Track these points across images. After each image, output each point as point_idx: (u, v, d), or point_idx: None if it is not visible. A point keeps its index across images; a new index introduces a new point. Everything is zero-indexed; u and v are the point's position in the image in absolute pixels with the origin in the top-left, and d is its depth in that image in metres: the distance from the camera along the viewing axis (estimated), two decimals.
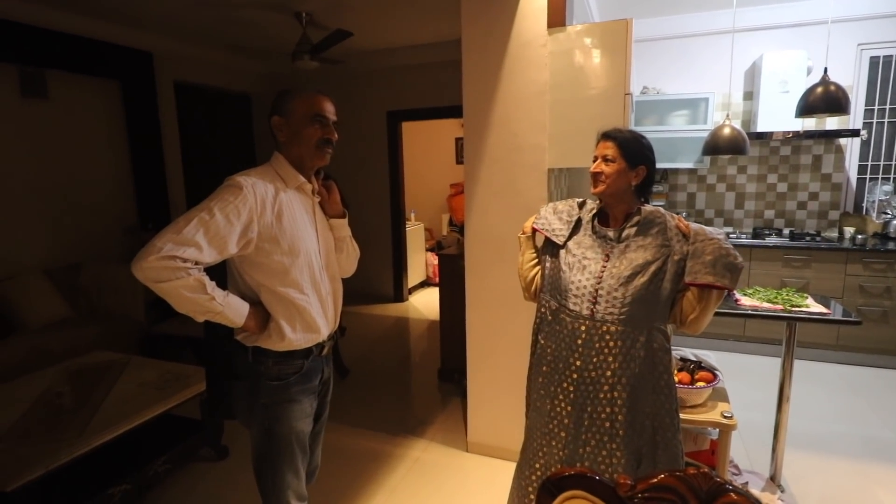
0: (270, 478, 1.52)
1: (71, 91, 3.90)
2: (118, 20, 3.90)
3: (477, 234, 2.53)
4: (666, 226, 1.48)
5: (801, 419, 2.88)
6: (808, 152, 4.14)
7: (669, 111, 4.20)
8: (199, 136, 5.08)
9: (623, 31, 2.14)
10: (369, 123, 5.47)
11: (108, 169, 4.23)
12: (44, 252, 3.76)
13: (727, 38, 4.07)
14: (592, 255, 1.52)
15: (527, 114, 2.33)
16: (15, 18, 3.39)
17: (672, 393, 1.49)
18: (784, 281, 3.82)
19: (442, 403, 3.30)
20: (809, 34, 3.93)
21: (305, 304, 1.47)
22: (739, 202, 4.37)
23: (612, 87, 2.20)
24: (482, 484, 2.45)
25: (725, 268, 1.36)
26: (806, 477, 2.44)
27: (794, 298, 2.28)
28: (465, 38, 2.40)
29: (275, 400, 1.47)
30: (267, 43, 4.61)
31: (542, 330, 1.61)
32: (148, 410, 2.19)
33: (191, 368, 2.61)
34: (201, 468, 2.57)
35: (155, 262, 1.21)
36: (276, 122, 1.47)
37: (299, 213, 1.47)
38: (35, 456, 1.82)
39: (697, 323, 1.44)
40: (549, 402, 1.56)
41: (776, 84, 3.87)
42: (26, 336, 3.24)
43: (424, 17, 3.96)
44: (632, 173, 1.49)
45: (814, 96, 2.31)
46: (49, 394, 2.30)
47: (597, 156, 1.53)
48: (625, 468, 1.46)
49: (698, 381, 2.09)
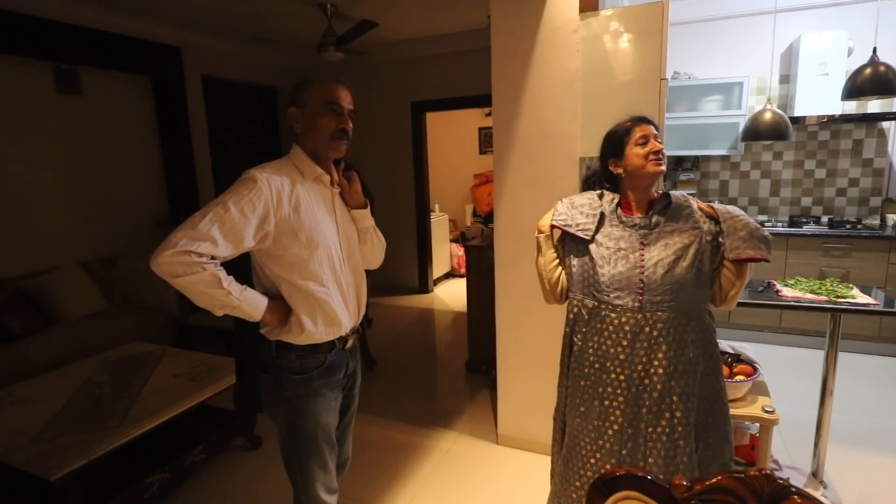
0: (299, 471, 1.52)
1: (103, 87, 3.98)
2: (147, 16, 3.95)
3: (506, 224, 2.49)
4: (692, 209, 1.48)
5: (842, 413, 2.78)
6: (849, 137, 3.97)
7: (701, 96, 4.07)
8: (226, 130, 5.13)
9: (659, 14, 2.07)
10: (393, 114, 5.46)
11: (140, 163, 4.31)
12: (80, 245, 3.86)
13: (762, 19, 3.92)
14: (627, 245, 1.47)
15: (558, 101, 2.28)
16: (48, 16, 3.46)
17: (721, 373, 1.51)
18: (823, 270, 3.69)
19: (470, 395, 3.29)
20: (851, 13, 3.75)
21: (325, 296, 1.45)
22: (775, 189, 4.22)
23: (647, 72, 2.13)
24: (513, 477, 2.43)
25: (760, 240, 1.39)
26: (848, 473, 2.37)
27: (839, 289, 2.19)
28: (493, 24, 2.35)
29: (298, 394, 1.47)
30: (292, 35, 4.61)
31: (577, 331, 1.54)
32: (184, 401, 2.23)
33: (223, 360, 2.65)
34: (236, 458, 2.62)
35: (170, 258, 1.22)
36: (292, 114, 1.46)
37: (318, 205, 1.46)
38: (77, 445, 1.88)
39: (736, 298, 1.46)
40: (597, 402, 1.50)
41: (815, 66, 3.71)
42: (66, 327, 3.34)
43: (448, 5, 3.90)
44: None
45: (861, 78, 2.19)
46: (89, 384, 2.36)
47: (647, 136, 1.47)
48: (689, 457, 1.43)
49: (737, 374, 2.03)
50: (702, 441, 1.46)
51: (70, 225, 3.81)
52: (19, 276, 3.42)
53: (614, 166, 1.53)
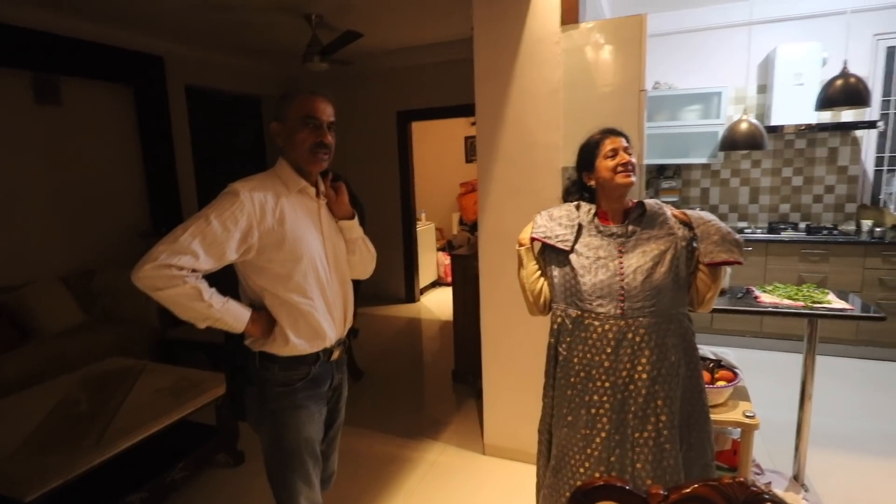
0: (282, 485, 1.51)
1: (84, 97, 3.93)
2: (129, 25, 3.92)
3: (491, 233, 2.51)
4: (666, 216, 1.52)
5: (822, 416, 2.82)
6: (824, 145, 4.07)
7: (681, 106, 4.15)
8: (210, 140, 5.09)
9: (638, 27, 2.11)
10: (379, 124, 5.47)
11: (121, 174, 4.26)
12: (59, 258, 3.79)
13: (739, 31, 4.02)
14: (606, 254, 1.49)
15: (540, 112, 2.30)
16: (28, 25, 3.42)
17: (701, 374, 1.54)
18: (801, 276, 3.75)
19: (457, 405, 3.28)
20: (824, 25, 3.85)
21: (310, 308, 1.45)
22: (754, 197, 4.31)
23: (627, 83, 2.16)
24: (500, 487, 2.42)
25: (732, 244, 1.44)
26: (830, 475, 2.40)
27: (816, 294, 2.23)
28: (476, 36, 2.38)
29: (282, 406, 1.46)
30: (277, 45, 4.61)
31: (562, 341, 1.55)
32: (164, 417, 2.19)
33: (205, 374, 2.61)
34: (218, 474, 2.58)
35: (151, 271, 1.23)
36: (274, 129, 1.47)
37: (303, 217, 1.46)
38: (53, 465, 1.83)
39: (713, 300, 1.50)
40: (584, 411, 1.50)
41: (790, 77, 3.80)
42: (43, 342, 3.27)
43: (434, 16, 3.94)
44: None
45: (833, 89, 2.26)
46: (66, 401, 2.31)
47: (616, 149, 1.50)
48: (676, 460, 1.45)
49: (719, 380, 2.06)
50: (685, 442, 1.49)
51: (48, 237, 3.74)
52: None
53: (587, 178, 1.57)
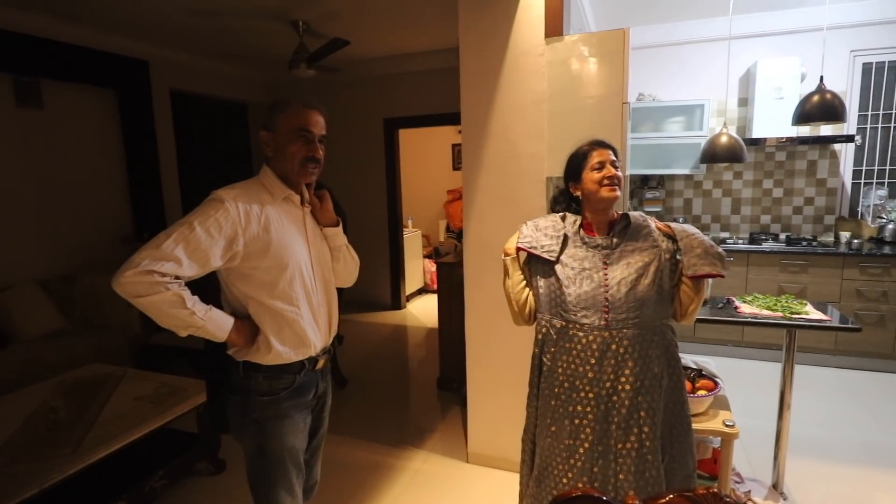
0: (264, 495, 1.49)
1: (66, 100, 3.88)
2: (114, 29, 3.89)
3: (476, 242, 2.52)
4: (650, 228, 1.54)
5: (801, 425, 2.87)
6: (803, 158, 4.16)
7: (665, 118, 4.21)
8: (195, 145, 5.06)
9: (620, 41, 2.15)
10: (366, 131, 5.47)
11: (104, 178, 4.20)
12: (38, 262, 3.72)
13: (721, 45, 4.09)
14: (591, 265, 1.51)
15: (525, 122, 2.33)
16: (9, 27, 3.37)
17: (684, 386, 1.56)
18: (781, 286, 3.82)
19: (441, 413, 3.28)
20: (803, 41, 3.95)
21: (295, 316, 1.44)
22: (736, 207, 4.38)
23: (610, 95, 2.20)
24: (484, 496, 2.42)
25: (715, 257, 1.46)
26: (808, 484, 2.43)
27: (794, 305, 2.28)
28: (462, 47, 2.40)
29: (266, 415, 1.45)
30: (263, 52, 4.60)
31: (546, 351, 1.56)
32: (144, 425, 2.16)
33: (187, 381, 2.58)
34: (199, 483, 2.54)
35: (132, 277, 1.21)
36: (263, 138, 1.46)
37: (288, 225, 1.45)
38: (29, 473, 1.79)
39: (696, 313, 1.52)
40: (567, 421, 1.51)
41: (770, 90, 3.89)
42: (21, 348, 3.21)
43: (421, 25, 3.97)
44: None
45: (810, 105, 2.31)
46: (43, 409, 2.27)
47: (602, 162, 1.51)
48: (657, 470, 1.46)
49: (699, 389, 2.08)
50: (668, 453, 1.50)
51: (27, 241, 3.68)
52: None
53: (574, 188, 1.58)
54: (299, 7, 3.45)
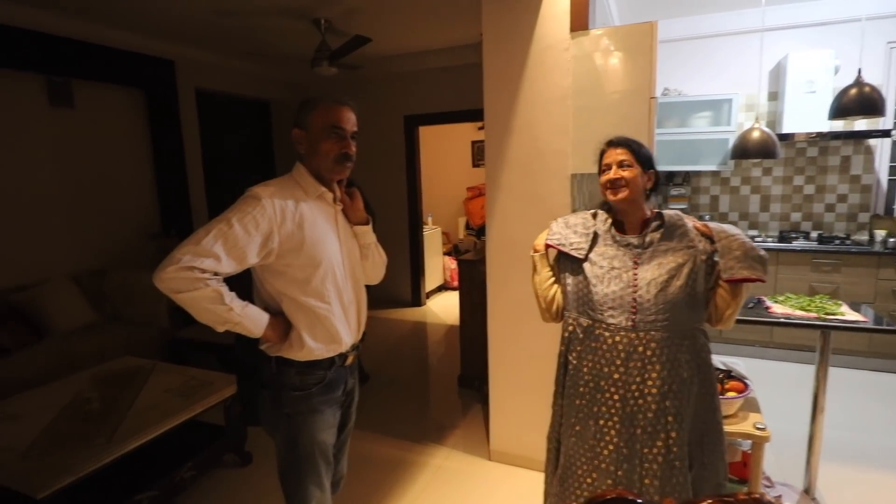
0: (295, 488, 1.52)
1: (96, 100, 3.98)
2: (141, 30, 3.97)
3: (499, 240, 2.50)
4: (686, 228, 1.48)
5: (834, 429, 2.78)
6: (836, 153, 4.03)
7: (691, 113, 4.13)
8: (219, 143, 5.14)
9: (648, 34, 2.11)
10: (386, 128, 5.49)
11: (132, 176, 4.30)
12: (71, 258, 3.83)
13: (751, 37, 3.99)
14: (620, 265, 1.48)
15: (549, 118, 2.30)
16: (42, 29, 3.47)
17: (716, 393, 1.50)
18: (813, 286, 3.72)
19: (462, 410, 3.28)
20: (837, 33, 3.83)
21: (327, 313, 1.46)
22: (765, 205, 4.28)
23: (637, 90, 2.16)
24: (507, 494, 2.41)
25: (755, 260, 1.39)
26: (841, 490, 2.37)
27: (828, 306, 2.21)
28: (486, 42, 2.39)
29: (297, 410, 1.47)
30: (286, 50, 4.65)
31: (572, 350, 1.54)
32: (174, 417, 2.21)
33: (214, 374, 2.62)
34: (226, 474, 2.59)
35: (174, 273, 1.23)
36: (296, 136, 1.47)
37: (321, 223, 1.46)
38: (65, 463, 1.85)
39: (733, 318, 1.45)
40: (592, 422, 1.49)
41: (802, 84, 3.78)
42: (55, 341, 3.31)
43: (442, 21, 3.95)
44: (645, 177, 1.50)
45: (847, 98, 2.24)
46: (78, 400, 2.33)
47: (609, 163, 1.50)
48: (685, 476, 1.43)
49: (729, 391, 2.04)
50: (697, 461, 1.46)
51: (61, 237, 3.78)
52: (9, 289, 3.38)
53: None
54: (321, 5, 3.47)
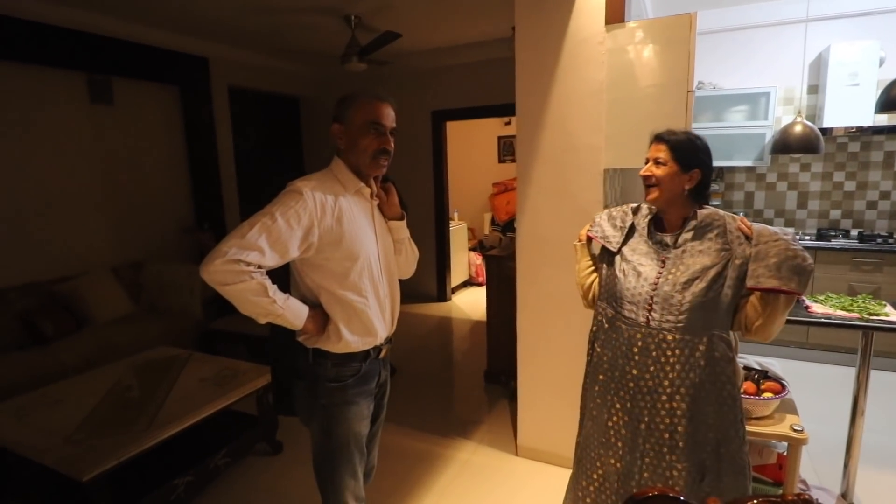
0: (329, 478, 1.54)
1: (134, 96, 4.09)
2: (177, 28, 4.06)
3: (529, 236, 2.49)
4: (725, 228, 1.41)
5: (873, 433, 2.70)
6: (880, 148, 3.88)
7: (727, 107, 4.02)
8: (250, 139, 5.23)
9: (686, 26, 2.06)
10: (414, 123, 5.50)
11: (168, 171, 4.42)
12: (110, 250, 3.96)
13: (790, 28, 3.87)
14: (648, 262, 1.48)
15: (583, 113, 2.28)
16: (84, 28, 3.58)
17: (737, 404, 1.42)
18: (852, 286, 3.60)
19: (489, 405, 3.28)
20: (882, 23, 3.68)
21: (364, 306, 1.48)
22: (802, 202, 4.15)
23: (674, 84, 2.11)
24: (534, 490, 2.41)
25: (792, 270, 1.26)
26: (879, 495, 2.30)
27: (872, 306, 2.13)
28: (518, 36, 2.37)
29: (333, 401, 1.49)
30: (316, 47, 4.69)
31: (598, 338, 1.58)
32: (209, 405, 2.27)
33: (246, 365, 2.69)
34: (258, 462, 2.65)
35: (221, 266, 1.25)
36: (336, 130, 1.48)
37: (359, 217, 1.48)
38: (107, 447, 1.92)
39: (764, 330, 1.33)
40: (605, 411, 1.54)
41: (845, 77, 3.64)
42: (96, 330, 3.43)
43: (471, 16, 3.93)
44: (685, 177, 1.43)
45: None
46: (119, 387, 2.42)
47: (648, 158, 1.48)
48: (686, 482, 1.42)
49: (765, 391, 1.99)
50: (713, 472, 1.42)
51: (100, 230, 3.91)
52: (52, 280, 3.52)
53: None
54: (352, 2, 3.49)
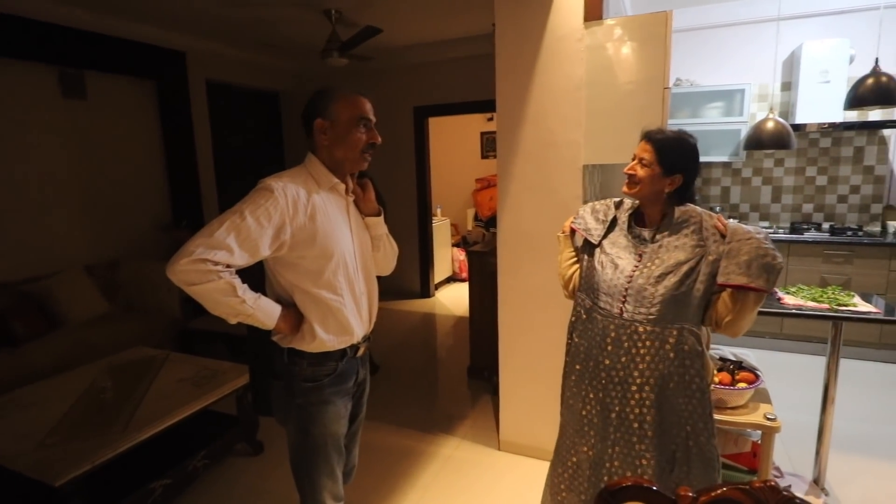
0: (306, 478, 1.53)
1: (108, 91, 4.00)
2: (153, 21, 3.97)
3: (510, 231, 2.50)
4: (701, 225, 1.44)
5: (843, 420, 2.78)
6: (850, 144, 3.98)
7: (703, 103, 4.09)
8: (229, 134, 5.15)
9: (662, 24, 2.09)
10: (396, 119, 5.48)
11: (144, 167, 4.33)
12: (84, 249, 3.87)
13: (764, 27, 3.94)
14: (625, 255, 1.51)
15: (562, 109, 2.29)
16: (55, 21, 3.48)
17: (705, 397, 1.44)
18: (824, 277, 3.70)
19: (472, 401, 3.30)
20: (853, 21, 3.77)
21: (339, 305, 1.46)
22: (776, 196, 4.24)
23: (651, 81, 2.14)
24: (515, 483, 2.44)
25: (762, 268, 1.29)
26: (850, 480, 2.37)
27: (841, 297, 2.20)
28: (498, 33, 2.37)
29: (309, 401, 1.48)
30: (296, 41, 4.64)
31: (576, 328, 1.62)
32: (187, 406, 2.24)
33: (226, 364, 2.66)
34: (238, 463, 2.62)
35: (187, 266, 1.23)
36: (321, 126, 1.43)
37: (333, 214, 1.46)
38: (82, 451, 1.88)
39: (734, 326, 1.36)
40: (579, 400, 1.58)
41: (816, 74, 3.73)
42: (70, 331, 3.35)
43: (452, 11, 3.93)
44: (666, 180, 1.45)
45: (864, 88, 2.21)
46: (93, 389, 2.37)
47: (635, 155, 1.50)
48: (654, 471, 1.45)
49: (739, 381, 2.04)
50: (682, 464, 1.45)
51: (74, 228, 3.82)
52: (23, 279, 3.43)
53: None
54: None
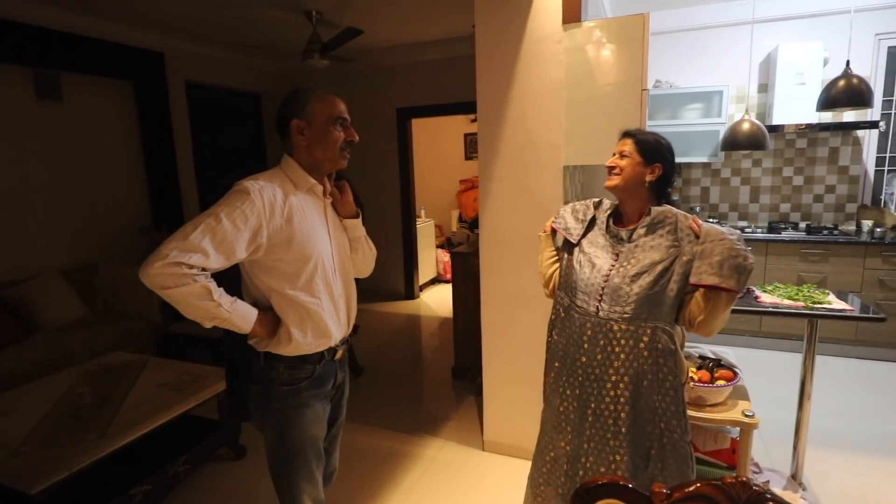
0: (286, 483, 1.51)
1: (85, 93, 3.93)
2: (130, 21, 3.91)
3: (492, 232, 2.51)
4: (676, 226, 1.45)
5: (820, 416, 2.84)
6: (825, 145, 4.07)
7: (682, 105, 4.15)
8: (209, 136, 5.09)
9: (640, 26, 2.11)
10: (379, 121, 5.46)
11: (122, 169, 4.26)
12: (60, 253, 3.79)
13: (741, 29, 4.01)
14: (603, 254, 1.54)
15: (542, 111, 2.31)
16: (29, 21, 3.41)
17: (678, 395, 1.46)
18: (801, 276, 3.77)
19: (456, 402, 3.30)
20: (825, 25, 3.86)
21: (316, 307, 1.45)
22: (754, 196, 4.32)
23: (629, 83, 2.17)
24: (500, 483, 2.44)
25: (733, 269, 1.30)
26: (827, 474, 2.42)
27: (816, 295, 2.24)
28: (478, 35, 2.38)
29: (287, 405, 1.47)
30: (277, 42, 4.60)
31: (555, 326, 1.65)
32: (167, 411, 2.21)
33: (207, 369, 2.63)
34: (220, 468, 2.59)
35: (161, 269, 1.20)
36: (298, 126, 1.42)
37: (310, 216, 1.45)
38: (58, 458, 1.84)
39: (706, 325, 1.38)
40: (557, 397, 1.61)
41: (792, 76, 3.81)
42: (45, 336, 3.28)
43: (434, 13, 3.93)
44: (646, 169, 1.49)
45: (836, 90, 2.26)
46: (70, 395, 2.33)
47: (615, 152, 1.55)
48: (628, 466, 1.47)
49: (718, 379, 2.07)
50: (658, 461, 1.47)
51: (50, 232, 3.74)
52: None
53: None
54: None
